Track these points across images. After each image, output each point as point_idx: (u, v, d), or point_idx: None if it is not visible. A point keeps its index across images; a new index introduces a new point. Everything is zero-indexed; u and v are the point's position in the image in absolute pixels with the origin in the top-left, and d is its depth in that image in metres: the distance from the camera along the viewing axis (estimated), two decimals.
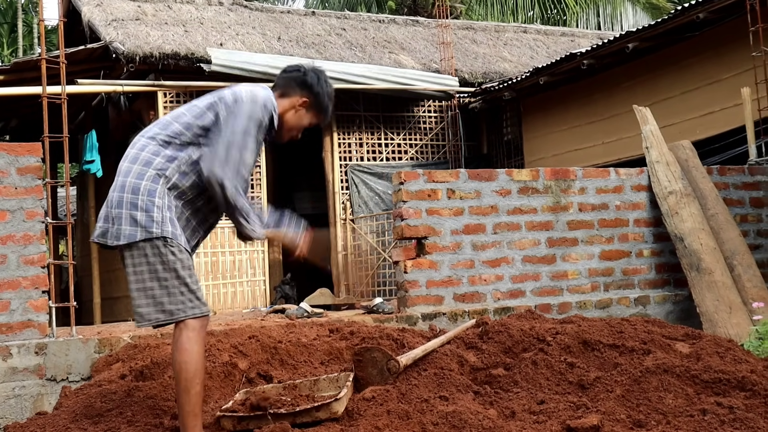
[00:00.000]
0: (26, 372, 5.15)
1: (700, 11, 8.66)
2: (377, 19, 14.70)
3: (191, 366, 3.47)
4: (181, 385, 3.49)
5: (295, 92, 3.84)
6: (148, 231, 3.47)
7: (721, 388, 3.92)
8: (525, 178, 6.85)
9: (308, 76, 3.86)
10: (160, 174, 3.53)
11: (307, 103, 3.85)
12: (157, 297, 3.49)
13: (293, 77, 3.87)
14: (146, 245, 3.48)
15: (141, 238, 3.47)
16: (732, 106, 8.60)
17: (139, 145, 3.64)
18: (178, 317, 3.50)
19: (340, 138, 12.03)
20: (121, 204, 3.51)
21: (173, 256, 3.49)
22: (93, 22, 11.43)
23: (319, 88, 3.86)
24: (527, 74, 11.35)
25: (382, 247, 11.18)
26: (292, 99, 3.83)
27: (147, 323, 3.54)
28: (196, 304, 3.52)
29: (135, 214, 3.48)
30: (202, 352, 3.54)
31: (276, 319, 6.94)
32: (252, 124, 3.58)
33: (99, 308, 12.27)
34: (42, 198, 5.41)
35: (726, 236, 6.95)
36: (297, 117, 3.86)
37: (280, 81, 3.89)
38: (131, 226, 3.48)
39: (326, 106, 3.93)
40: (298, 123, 3.88)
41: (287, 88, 3.85)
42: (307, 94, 3.84)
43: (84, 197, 13.62)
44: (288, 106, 3.83)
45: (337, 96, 12.30)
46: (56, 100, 6.01)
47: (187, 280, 3.51)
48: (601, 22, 22.23)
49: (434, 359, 4.34)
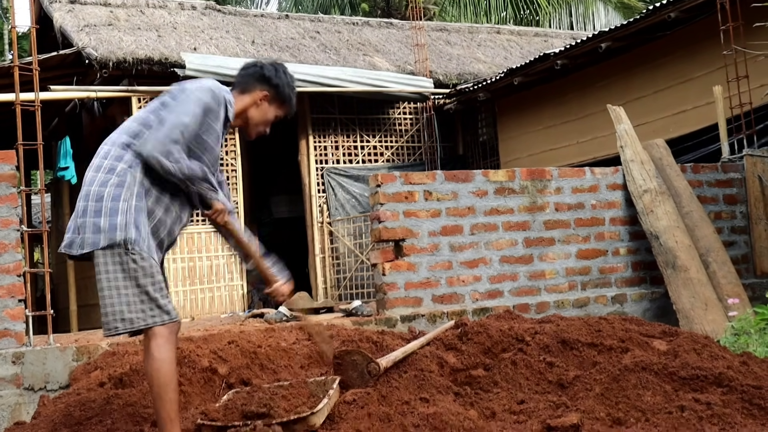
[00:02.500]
0: (3, 382, 5.11)
1: (671, 10, 8.73)
2: (351, 21, 14.69)
3: (162, 373, 3.46)
4: (155, 392, 3.48)
5: (255, 87, 3.83)
6: (111, 237, 3.43)
7: (699, 384, 3.95)
8: (501, 179, 6.88)
9: (265, 69, 3.85)
10: (123, 179, 3.51)
11: (268, 96, 3.85)
12: (116, 305, 3.44)
13: (251, 73, 3.87)
14: (107, 253, 3.44)
15: (103, 244, 3.44)
16: (704, 104, 8.67)
17: (102, 153, 3.63)
18: (138, 326, 3.46)
19: (315, 141, 12.02)
20: (85, 212, 3.50)
21: (134, 264, 3.45)
22: (65, 28, 11.35)
23: (277, 80, 3.84)
24: (501, 75, 11.38)
25: (359, 250, 11.18)
26: (253, 94, 3.83)
27: (108, 332, 3.49)
28: (157, 313, 3.48)
29: (98, 221, 3.46)
30: (172, 358, 3.51)
31: (255, 323, 6.93)
32: (197, 107, 3.56)
33: (75, 316, 12.20)
34: (17, 206, 5.37)
35: (701, 233, 7.01)
36: (261, 112, 3.86)
37: (239, 78, 3.89)
38: (94, 233, 3.46)
39: (288, 97, 3.90)
40: (263, 117, 3.88)
41: (246, 84, 3.85)
42: (267, 87, 3.83)
43: (58, 204, 13.51)
44: (250, 102, 3.83)
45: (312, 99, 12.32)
46: (30, 107, 5.97)
47: (147, 288, 3.47)
48: (574, 22, 22.35)
49: (414, 361, 4.35)
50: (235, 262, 10.92)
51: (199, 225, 10.40)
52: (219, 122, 3.69)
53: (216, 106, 3.64)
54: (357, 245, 11.29)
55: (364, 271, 10.98)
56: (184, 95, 3.60)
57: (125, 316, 3.44)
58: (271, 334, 5.48)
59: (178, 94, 3.62)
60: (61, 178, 11.61)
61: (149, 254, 3.50)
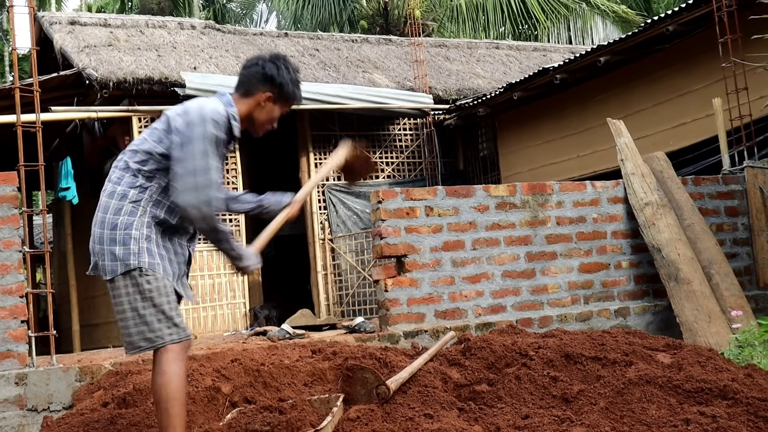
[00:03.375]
0: (6, 403, 5.10)
1: (669, 24, 8.75)
2: (350, 38, 14.73)
3: (171, 387, 3.49)
4: (162, 407, 3.50)
5: (257, 89, 3.76)
6: (126, 264, 3.53)
7: (704, 397, 3.94)
8: (502, 194, 6.88)
9: (267, 68, 3.77)
10: (135, 207, 3.59)
11: (272, 97, 3.77)
12: (139, 326, 3.54)
13: (252, 73, 3.79)
14: (125, 278, 3.55)
15: (121, 271, 3.54)
16: (704, 116, 8.69)
17: (114, 178, 3.67)
18: (157, 344, 3.54)
19: (316, 158, 12.03)
20: (102, 240, 3.59)
21: (149, 285, 3.54)
22: (65, 49, 11.39)
23: (281, 78, 3.76)
24: (501, 90, 11.41)
25: (361, 266, 11.18)
26: (257, 96, 3.76)
27: (132, 351, 3.60)
28: (174, 330, 3.56)
29: (114, 248, 3.55)
30: (182, 374, 3.56)
31: (258, 341, 6.92)
32: (207, 144, 3.54)
33: (78, 336, 12.17)
34: (19, 227, 5.38)
35: (703, 246, 7.01)
36: (266, 112, 3.80)
37: (241, 78, 3.82)
38: (112, 261, 3.56)
39: (293, 93, 3.82)
40: (269, 116, 3.82)
41: (249, 86, 3.78)
42: (270, 87, 3.76)
43: (60, 224, 13.52)
44: (254, 104, 3.77)
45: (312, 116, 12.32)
46: (31, 128, 5.98)
47: (164, 307, 3.55)
48: (572, 36, 22.39)
49: (418, 377, 4.34)
50: (237, 281, 10.91)
51: (201, 243, 10.41)
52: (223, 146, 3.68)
53: (220, 133, 3.61)
54: (359, 261, 11.28)
55: (367, 288, 10.97)
56: (192, 132, 3.55)
57: (146, 336, 3.54)
58: (274, 351, 5.47)
59: (186, 131, 3.56)
60: (63, 198, 11.61)
61: (164, 275, 3.59)
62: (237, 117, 3.73)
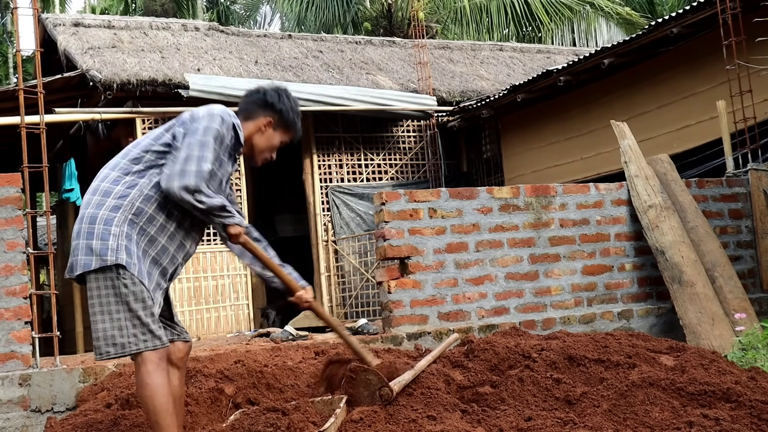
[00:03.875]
0: (10, 404, 5.11)
1: (673, 26, 8.75)
2: (354, 40, 14.74)
3: (157, 400, 3.42)
4: (152, 419, 3.44)
5: (258, 114, 3.79)
6: (103, 259, 3.41)
7: (707, 400, 3.94)
8: (506, 196, 6.88)
9: (268, 95, 3.81)
10: (119, 203, 3.49)
11: (272, 122, 3.80)
12: (108, 330, 3.42)
13: (254, 100, 3.82)
14: (99, 276, 3.43)
15: (96, 266, 3.42)
16: (708, 119, 8.68)
17: (101, 176, 3.62)
18: (129, 351, 3.43)
19: (319, 160, 12.04)
20: (79, 235, 3.49)
21: (125, 288, 3.41)
22: (69, 51, 11.41)
23: (281, 105, 3.80)
24: (504, 92, 11.41)
25: (364, 268, 11.18)
26: (257, 121, 3.79)
27: (99, 357, 3.47)
28: (149, 338, 3.44)
29: (91, 243, 3.44)
30: (166, 384, 3.48)
31: (261, 342, 6.92)
32: (209, 137, 3.53)
33: (81, 337, 12.20)
34: (23, 228, 5.38)
35: (706, 248, 7.00)
36: (266, 138, 3.82)
37: (242, 105, 3.84)
38: (87, 255, 3.44)
39: (293, 121, 3.85)
40: (268, 144, 3.84)
41: (250, 111, 3.80)
42: (270, 113, 3.79)
43: (64, 226, 13.55)
44: (254, 129, 3.78)
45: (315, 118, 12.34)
46: (35, 130, 5.99)
47: (139, 312, 3.42)
48: (576, 38, 22.39)
49: (421, 379, 4.34)
50: (240, 282, 10.92)
51: (204, 245, 10.41)
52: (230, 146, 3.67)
53: (226, 131, 3.61)
54: (362, 263, 11.29)
55: (370, 289, 10.98)
56: (195, 125, 3.56)
57: (117, 341, 3.42)
58: (278, 353, 5.47)
59: (189, 124, 3.57)
60: (66, 199, 11.64)
61: (140, 279, 3.45)
62: (241, 128, 3.73)
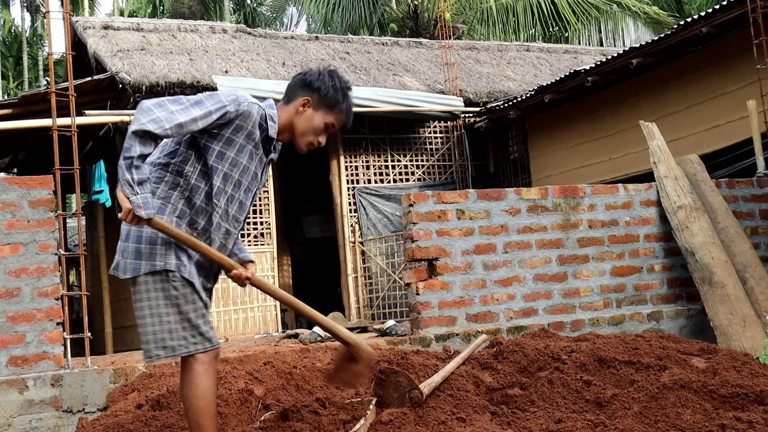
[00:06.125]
0: (42, 404, 5.16)
1: (702, 25, 8.68)
2: (380, 41, 14.75)
3: (201, 401, 3.40)
4: (193, 420, 3.43)
5: (297, 94, 3.62)
6: (152, 264, 3.38)
7: (740, 402, 3.90)
8: (534, 197, 6.86)
9: (308, 74, 3.65)
10: (165, 203, 3.43)
11: (310, 101, 3.60)
12: (158, 333, 3.39)
13: (295, 81, 3.68)
14: (149, 278, 3.39)
15: (144, 271, 3.38)
16: (738, 118, 8.61)
17: None
18: (179, 353, 3.41)
19: (346, 161, 12.06)
20: (128, 237, 3.44)
21: (176, 291, 3.38)
22: (99, 54, 11.51)
23: (320, 82, 3.61)
24: (532, 92, 11.37)
25: (392, 269, 11.18)
26: (295, 102, 3.61)
27: (149, 360, 3.45)
28: (199, 340, 3.42)
29: (140, 246, 3.40)
30: (212, 386, 3.46)
31: (289, 344, 6.95)
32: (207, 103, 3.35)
33: (111, 338, 12.27)
34: (54, 230, 5.43)
35: (737, 249, 6.94)
36: (305, 119, 3.61)
37: (286, 90, 3.71)
38: (135, 259, 3.40)
39: (334, 99, 3.63)
40: (309, 125, 3.61)
41: (291, 93, 3.66)
42: (308, 92, 3.60)
43: (93, 227, 13.65)
44: (293, 111, 3.61)
45: None
46: (66, 132, 6.04)
47: (189, 314, 3.40)
48: (603, 38, 22.29)
49: (450, 380, 4.34)
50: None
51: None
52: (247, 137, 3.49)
53: (236, 117, 3.42)
54: (389, 264, 11.29)
55: (397, 291, 10.98)
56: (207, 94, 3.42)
57: (167, 344, 3.39)
58: (306, 354, 5.49)
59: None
60: (96, 201, 11.71)
61: (190, 279, 3.43)
62: (275, 119, 3.58)
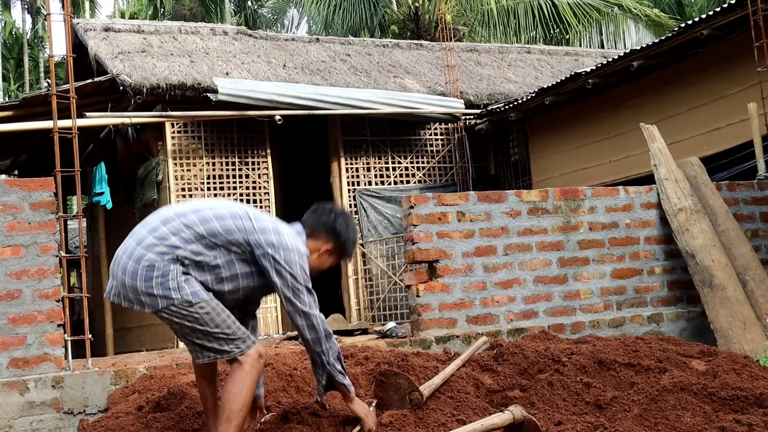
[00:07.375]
0: (43, 406, 5.16)
1: (703, 28, 8.69)
2: (381, 43, 14.76)
3: (241, 398, 3.56)
4: (227, 415, 3.56)
5: (322, 237, 3.91)
6: (168, 299, 3.53)
7: (739, 405, 3.91)
8: (534, 199, 6.86)
9: (337, 223, 3.92)
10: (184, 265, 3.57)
11: (331, 249, 3.92)
12: (206, 344, 3.62)
13: (323, 222, 3.93)
14: (172, 309, 3.55)
15: (163, 306, 3.55)
16: (738, 121, 8.61)
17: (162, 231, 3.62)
18: (225, 358, 3.64)
19: (347, 163, 12.07)
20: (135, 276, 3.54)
21: (201, 310, 3.55)
22: (99, 56, 11.52)
23: (346, 236, 3.92)
24: (532, 94, 11.38)
25: (392, 271, 11.19)
26: (318, 243, 3.89)
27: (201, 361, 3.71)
28: (238, 344, 3.62)
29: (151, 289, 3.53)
30: (253, 387, 3.63)
31: (290, 346, 6.94)
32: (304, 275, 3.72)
33: (112, 339, 12.28)
34: (55, 232, 5.44)
35: (737, 252, 6.94)
36: (320, 261, 3.93)
37: (309, 220, 3.96)
38: (150, 297, 3.55)
39: (349, 252, 4.00)
40: (319, 266, 3.94)
41: (315, 230, 3.92)
42: (334, 241, 3.91)
43: (94, 229, 13.66)
44: (313, 249, 3.88)
45: (343, 121, 12.35)
46: (67, 134, 6.05)
47: (221, 326, 3.59)
48: (604, 40, 22.27)
49: (450, 383, 4.34)
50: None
51: None
52: None
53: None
54: (390, 266, 11.29)
55: (398, 293, 10.98)
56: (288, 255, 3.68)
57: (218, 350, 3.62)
58: (306, 356, 5.47)
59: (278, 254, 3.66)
60: (97, 203, 11.74)
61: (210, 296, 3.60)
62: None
